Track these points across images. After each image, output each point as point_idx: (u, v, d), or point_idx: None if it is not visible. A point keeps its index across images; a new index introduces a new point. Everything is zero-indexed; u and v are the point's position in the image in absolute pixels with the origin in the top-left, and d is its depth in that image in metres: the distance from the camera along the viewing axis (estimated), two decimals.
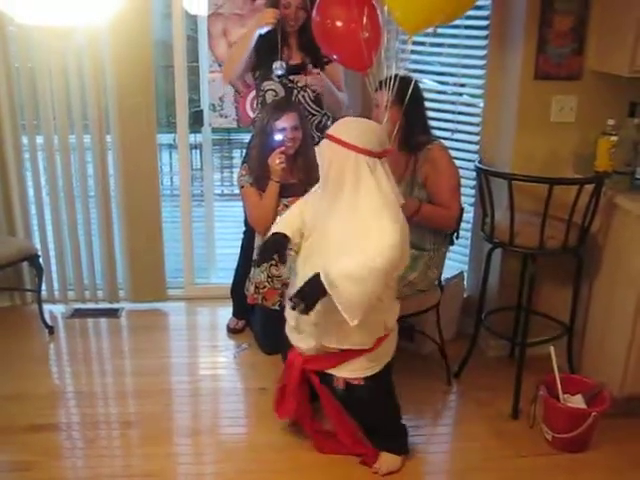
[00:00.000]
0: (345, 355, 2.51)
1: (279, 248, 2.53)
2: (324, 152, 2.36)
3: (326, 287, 2.24)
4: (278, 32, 3.23)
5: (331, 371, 2.55)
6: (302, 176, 3.20)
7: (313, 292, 2.28)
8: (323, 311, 2.35)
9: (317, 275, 2.27)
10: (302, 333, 2.56)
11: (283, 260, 2.57)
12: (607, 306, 3.06)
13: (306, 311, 2.29)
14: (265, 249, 2.59)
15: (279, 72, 3.26)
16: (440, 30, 3.38)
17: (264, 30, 3.20)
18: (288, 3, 3.21)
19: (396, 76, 2.76)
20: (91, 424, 2.96)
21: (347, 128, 2.38)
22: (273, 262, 3.26)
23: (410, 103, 2.81)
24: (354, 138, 2.30)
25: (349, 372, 2.53)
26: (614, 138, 3.00)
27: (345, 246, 2.31)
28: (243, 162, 3.47)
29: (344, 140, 2.31)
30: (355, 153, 2.29)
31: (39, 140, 3.84)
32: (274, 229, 2.62)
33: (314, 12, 2.86)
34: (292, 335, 2.64)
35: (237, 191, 3.41)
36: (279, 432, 2.88)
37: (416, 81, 2.88)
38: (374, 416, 2.67)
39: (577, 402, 2.83)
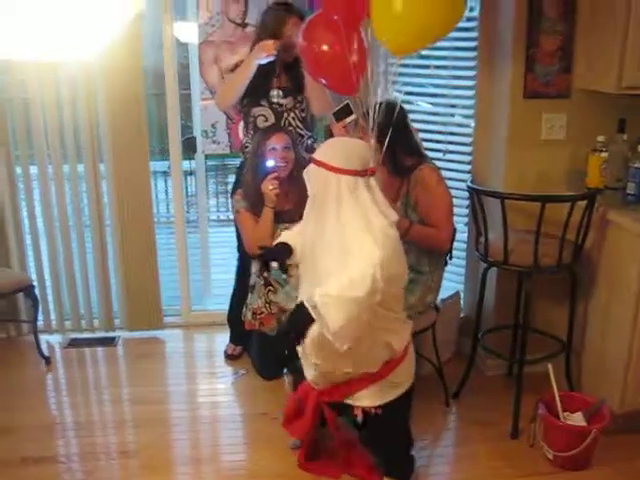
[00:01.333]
0: (357, 384, 2.46)
1: (281, 255, 2.57)
2: (310, 175, 2.36)
3: (311, 313, 2.21)
4: (276, 62, 3.28)
5: (349, 400, 2.51)
6: (297, 200, 3.20)
7: (298, 322, 2.27)
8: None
9: (300, 304, 2.26)
10: (306, 361, 2.54)
11: (284, 269, 2.58)
12: (604, 322, 3.05)
13: (296, 342, 2.30)
14: (268, 253, 2.63)
15: (275, 100, 3.35)
16: (430, 52, 3.44)
17: (265, 61, 3.24)
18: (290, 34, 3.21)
19: (381, 104, 2.75)
20: (90, 455, 2.93)
21: (328, 149, 2.39)
22: (271, 288, 3.27)
23: (393, 130, 2.77)
24: (333, 159, 2.29)
25: (367, 401, 2.48)
26: (604, 154, 3.03)
27: (330, 269, 2.29)
28: (234, 188, 3.49)
29: (324, 162, 2.30)
30: (335, 174, 2.28)
31: (33, 170, 3.85)
32: (278, 240, 2.65)
33: (300, 37, 2.87)
34: (303, 363, 2.61)
35: (232, 217, 3.42)
36: (280, 458, 2.86)
37: (401, 107, 2.87)
38: (389, 446, 2.63)
39: (577, 420, 2.82)
